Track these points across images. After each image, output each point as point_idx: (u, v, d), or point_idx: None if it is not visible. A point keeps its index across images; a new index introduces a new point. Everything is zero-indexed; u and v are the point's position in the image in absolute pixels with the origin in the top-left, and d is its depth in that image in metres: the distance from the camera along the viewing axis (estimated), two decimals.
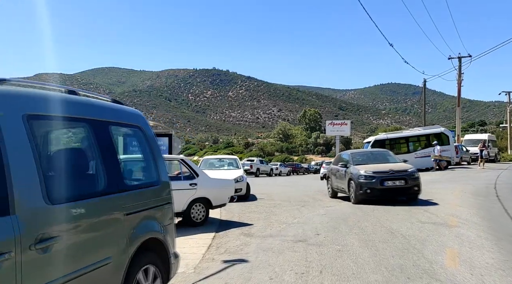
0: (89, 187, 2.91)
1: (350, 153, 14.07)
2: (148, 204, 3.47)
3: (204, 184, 8.58)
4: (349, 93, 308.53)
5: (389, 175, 11.30)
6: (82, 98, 3.10)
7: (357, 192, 11.46)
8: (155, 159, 3.77)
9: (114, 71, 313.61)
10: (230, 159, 15.58)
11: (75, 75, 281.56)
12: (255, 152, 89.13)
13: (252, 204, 12.58)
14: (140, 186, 3.63)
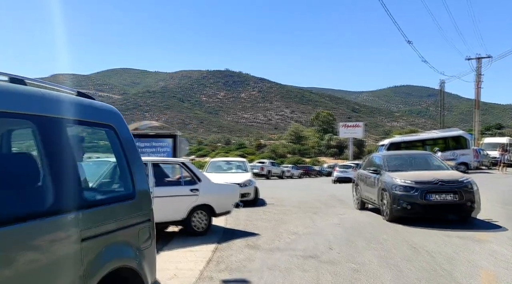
0: (29, 206, 2.18)
1: (383, 156, 11.29)
2: (118, 223, 2.74)
3: (206, 190, 7.86)
4: (363, 95, 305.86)
5: (435, 186, 8.76)
6: (26, 88, 2.38)
7: (392, 206, 8.93)
8: (130, 166, 3.03)
9: (128, 72, 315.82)
10: (238, 162, 14.86)
11: (90, 76, 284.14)
12: (267, 153, 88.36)
13: (261, 210, 11.83)
14: (106, 200, 2.89)
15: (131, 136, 3.17)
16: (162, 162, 8.04)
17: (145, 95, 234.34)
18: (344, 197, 15.14)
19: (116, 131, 2.99)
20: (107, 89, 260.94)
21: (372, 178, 10.46)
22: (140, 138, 11.90)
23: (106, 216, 2.64)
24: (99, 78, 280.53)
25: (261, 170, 36.94)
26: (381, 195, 9.62)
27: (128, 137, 3.11)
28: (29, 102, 2.33)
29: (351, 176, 29.27)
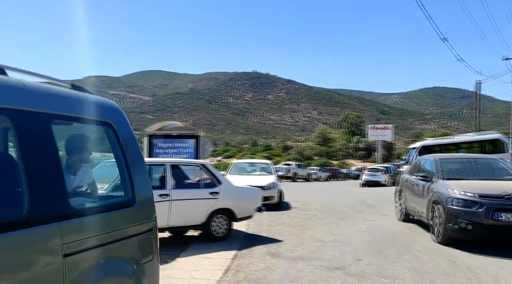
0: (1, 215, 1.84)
1: (436, 159, 8.95)
2: (111, 235, 2.39)
3: (227, 193, 7.49)
4: (392, 97, 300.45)
5: (507, 202, 6.71)
6: (3, 78, 2.04)
7: (447, 225, 7.00)
8: (131, 169, 2.66)
9: (158, 74, 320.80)
10: (263, 164, 14.45)
11: (121, 78, 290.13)
12: (293, 155, 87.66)
13: (285, 214, 11.38)
14: (98, 208, 2.53)
15: (132, 135, 2.80)
16: (181, 163, 7.72)
17: (174, 96, 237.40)
18: (373, 202, 14.52)
19: (115, 129, 2.63)
20: (137, 90, 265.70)
21: (421, 186, 8.52)
22: (163, 139, 11.68)
23: (97, 226, 2.28)
24: (129, 80, 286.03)
25: (287, 172, 36.46)
26: (431, 209, 7.68)
27: (128, 136, 2.74)
28: (6, 94, 1.99)
29: (380, 179, 28.59)
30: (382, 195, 17.39)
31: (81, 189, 2.93)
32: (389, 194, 18.10)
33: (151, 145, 11.55)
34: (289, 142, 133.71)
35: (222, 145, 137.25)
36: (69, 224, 2.08)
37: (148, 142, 11.54)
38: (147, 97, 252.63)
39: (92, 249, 2.20)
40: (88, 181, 3.01)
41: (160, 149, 11.60)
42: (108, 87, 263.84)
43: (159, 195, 6.62)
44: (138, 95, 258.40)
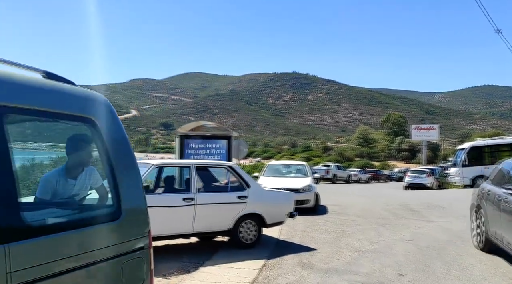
0: None
1: None
2: (85, 256, 1.92)
3: (256, 197, 6.98)
4: (438, 96, 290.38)
5: None
6: None
7: None
8: (116, 173, 2.18)
9: (199, 76, 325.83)
10: (298, 165, 13.82)
11: (164, 81, 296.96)
12: (333, 156, 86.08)
13: (321, 219, 10.74)
14: (71, 223, 2.05)
15: (121, 134, 2.33)
16: (207, 165, 7.27)
17: (214, 98, 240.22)
18: (417, 207, 13.59)
19: (97, 127, 2.18)
20: (179, 92, 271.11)
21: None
22: (195, 139, 11.33)
23: (63, 247, 1.82)
24: (172, 83, 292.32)
25: (326, 173, 35.59)
26: None
27: (116, 134, 2.27)
28: None
29: (424, 182, 27.16)
30: (427, 199, 16.34)
31: (81, 196, 2.52)
32: (435, 198, 17.05)
33: (183, 145, 11.23)
34: (329, 143, 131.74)
35: (261, 146, 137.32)
36: (20, 247, 1.64)
37: (179, 142, 11.23)
38: (188, 99, 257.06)
39: (53, 278, 1.74)
40: (96, 185, 2.59)
41: (192, 150, 11.26)
42: (152, 89, 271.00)
43: (183, 199, 6.21)
44: (180, 97, 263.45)
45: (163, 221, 5.94)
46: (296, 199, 11.51)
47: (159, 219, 5.90)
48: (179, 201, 6.14)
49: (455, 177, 23.61)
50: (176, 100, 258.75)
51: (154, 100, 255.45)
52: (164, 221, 5.96)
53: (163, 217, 5.94)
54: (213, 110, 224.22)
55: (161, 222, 5.90)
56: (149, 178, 6.50)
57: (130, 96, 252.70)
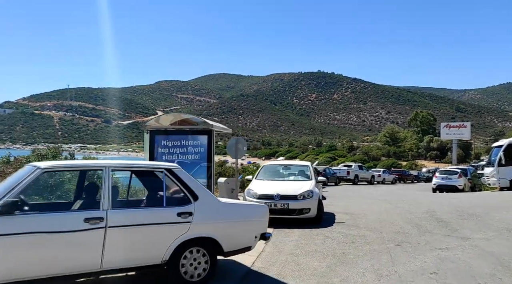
0: None
1: None
2: None
3: (207, 214, 4.85)
4: (469, 93, 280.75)
5: None
6: None
7: None
8: None
9: (224, 77, 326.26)
10: (300, 166, 11.56)
11: (189, 82, 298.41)
12: (358, 156, 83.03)
13: (321, 233, 8.51)
14: None
15: None
16: (131, 167, 5.13)
17: (239, 98, 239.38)
18: (446, 215, 11.16)
19: None
20: (204, 93, 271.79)
21: None
22: (167, 135, 9.30)
23: None
24: (197, 83, 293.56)
25: (347, 174, 33.10)
26: None
27: None
28: None
29: (455, 183, 24.28)
30: (459, 205, 13.83)
31: None
32: (468, 203, 14.48)
33: (153, 143, 9.23)
34: (355, 142, 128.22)
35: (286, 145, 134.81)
36: None
37: (149, 139, 9.24)
38: (213, 100, 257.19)
39: None
40: None
41: (165, 148, 9.25)
42: (177, 90, 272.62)
43: (85, 219, 4.14)
44: (205, 98, 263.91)
45: (49, 256, 3.92)
46: (292, 207, 9.41)
47: (41, 252, 3.87)
48: (78, 224, 4.08)
49: (490, 178, 20.83)
50: (202, 101, 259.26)
51: (180, 101, 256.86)
52: (52, 256, 3.94)
53: (48, 250, 3.92)
54: (237, 111, 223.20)
55: (44, 258, 3.89)
56: (32, 187, 4.43)
57: (157, 97, 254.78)
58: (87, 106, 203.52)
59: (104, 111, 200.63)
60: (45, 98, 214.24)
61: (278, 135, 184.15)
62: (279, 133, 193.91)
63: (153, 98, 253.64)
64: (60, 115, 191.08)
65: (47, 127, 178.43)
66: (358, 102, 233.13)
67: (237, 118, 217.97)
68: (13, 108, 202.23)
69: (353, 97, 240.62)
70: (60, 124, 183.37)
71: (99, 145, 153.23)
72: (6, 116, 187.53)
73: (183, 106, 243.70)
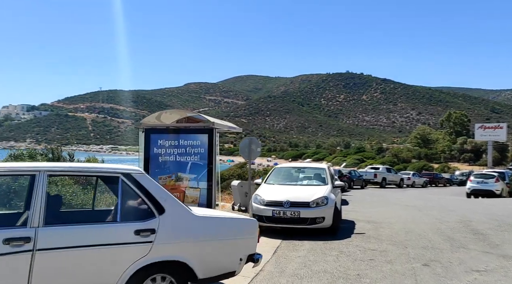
0: None
1: None
2: None
3: (175, 231, 3.82)
4: (505, 94, 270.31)
5: None
6: None
7: None
8: None
9: (252, 78, 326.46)
10: (315, 169, 10.38)
11: (217, 84, 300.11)
12: (388, 158, 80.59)
13: (335, 247, 7.35)
14: None
15: None
16: (74, 171, 4.07)
17: (267, 100, 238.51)
18: (483, 226, 9.78)
19: None
20: (232, 95, 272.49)
21: None
22: (164, 134, 8.35)
23: None
24: (225, 85, 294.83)
25: (374, 177, 31.49)
26: None
27: None
28: None
29: (492, 188, 22.46)
30: (498, 213, 12.37)
31: None
32: (509, 211, 12.92)
33: (148, 142, 8.30)
34: (384, 144, 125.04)
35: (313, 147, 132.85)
36: None
37: (144, 138, 8.32)
38: (241, 101, 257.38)
39: None
40: None
41: (161, 149, 8.30)
42: (206, 92, 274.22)
43: (4, 240, 3.18)
44: (233, 100, 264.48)
45: None
46: (304, 216, 8.28)
47: None
48: None
49: None
50: (229, 102, 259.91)
51: (208, 103, 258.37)
52: None
53: None
54: (265, 112, 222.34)
55: None
56: None
57: (186, 99, 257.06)
58: (118, 108, 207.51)
59: (135, 113, 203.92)
60: (78, 101, 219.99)
61: (305, 137, 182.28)
62: (306, 135, 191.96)
63: (182, 100, 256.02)
64: (92, 116, 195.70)
65: (80, 128, 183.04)
66: (387, 103, 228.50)
67: (264, 119, 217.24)
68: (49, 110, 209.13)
69: (382, 98, 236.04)
70: (93, 126, 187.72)
71: (129, 146, 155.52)
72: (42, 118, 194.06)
73: (211, 108, 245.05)
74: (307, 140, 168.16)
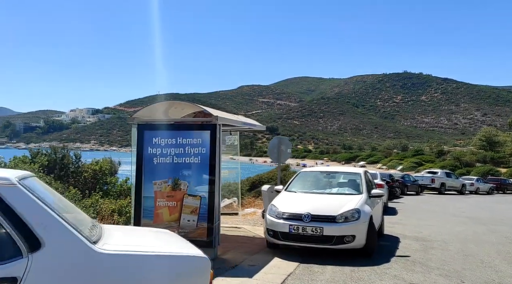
0: None
1: None
2: None
3: (57, 279, 2.36)
4: None
5: None
6: None
7: None
8: None
9: (305, 80, 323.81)
10: (348, 175, 8.55)
11: (270, 86, 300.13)
12: (449, 161, 75.39)
13: (364, 278, 5.58)
14: None
15: None
16: None
17: (320, 101, 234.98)
18: None
19: None
20: (285, 97, 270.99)
21: None
22: (160, 131, 6.95)
23: None
24: (278, 88, 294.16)
25: (432, 182, 28.67)
26: None
27: None
28: None
29: None
30: None
31: None
32: None
33: (142, 140, 6.94)
34: (445, 147, 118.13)
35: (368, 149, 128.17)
36: None
37: (137, 135, 6.97)
38: (293, 103, 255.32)
39: None
40: None
41: (157, 148, 6.90)
42: (259, 95, 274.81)
43: None
44: (286, 102, 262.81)
45: None
46: (328, 234, 6.57)
47: None
48: None
49: None
50: (282, 104, 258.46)
51: (261, 105, 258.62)
52: None
53: None
54: (318, 114, 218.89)
55: None
56: None
57: (239, 102, 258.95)
58: None
59: None
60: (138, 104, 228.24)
61: (360, 139, 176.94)
62: (361, 137, 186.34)
63: (236, 102, 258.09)
64: None
65: None
66: (449, 103, 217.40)
67: (317, 121, 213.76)
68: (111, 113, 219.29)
69: (443, 98, 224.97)
70: None
71: None
72: (105, 121, 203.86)
73: (264, 110, 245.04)
74: (361, 142, 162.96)
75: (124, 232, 3.32)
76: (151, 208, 6.81)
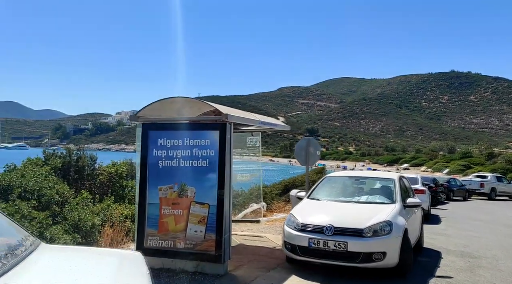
0: None
1: None
2: None
3: None
4: None
5: None
6: None
7: None
8: None
9: (345, 81, 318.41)
10: (380, 180, 7.54)
11: (310, 87, 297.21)
12: (500, 165, 71.06)
13: None
14: None
15: None
16: None
17: (361, 102, 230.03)
18: None
19: None
20: (325, 98, 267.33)
21: None
22: (165, 131, 6.29)
23: None
24: (318, 89, 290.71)
25: (481, 187, 26.69)
26: None
27: None
28: None
29: None
30: None
31: None
32: None
33: (146, 141, 6.30)
34: (496, 149, 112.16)
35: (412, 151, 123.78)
36: None
37: (141, 136, 6.34)
38: (334, 104, 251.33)
39: None
40: None
41: (162, 150, 6.24)
42: (299, 96, 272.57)
43: None
44: (326, 103, 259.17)
45: None
46: (353, 250, 5.63)
47: None
48: None
49: None
50: (322, 106, 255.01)
51: (301, 106, 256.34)
52: None
53: None
54: (359, 115, 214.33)
55: None
56: None
57: (279, 103, 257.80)
58: None
59: None
60: None
61: (403, 141, 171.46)
62: (404, 139, 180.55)
63: (275, 104, 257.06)
64: None
65: None
66: (500, 103, 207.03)
67: (358, 122, 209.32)
68: None
69: (494, 98, 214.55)
70: None
71: None
72: None
73: (304, 112, 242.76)
74: (405, 144, 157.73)
75: (58, 262, 2.59)
76: (155, 216, 6.13)
